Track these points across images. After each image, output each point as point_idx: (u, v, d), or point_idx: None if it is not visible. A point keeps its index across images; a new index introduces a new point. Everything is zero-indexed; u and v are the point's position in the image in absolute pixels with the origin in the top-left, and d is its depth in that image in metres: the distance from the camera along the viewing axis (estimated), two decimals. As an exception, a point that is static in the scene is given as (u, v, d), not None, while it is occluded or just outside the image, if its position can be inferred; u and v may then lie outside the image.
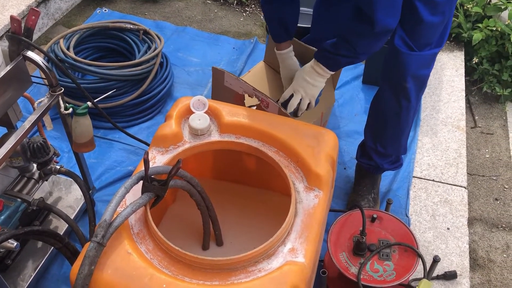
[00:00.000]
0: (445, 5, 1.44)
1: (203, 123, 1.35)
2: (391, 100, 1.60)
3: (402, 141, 1.70)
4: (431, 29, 1.47)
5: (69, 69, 2.12)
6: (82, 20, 2.74)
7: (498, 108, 2.53)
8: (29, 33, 1.32)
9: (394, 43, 1.50)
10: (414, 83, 1.54)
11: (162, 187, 1.15)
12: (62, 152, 1.98)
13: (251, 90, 1.64)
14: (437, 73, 2.48)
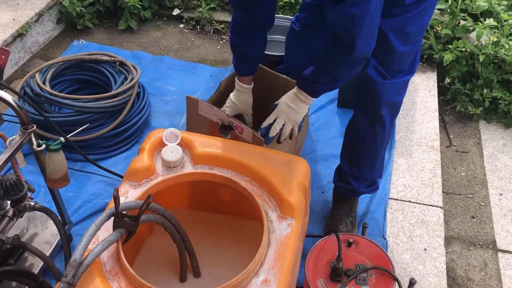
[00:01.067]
0: (416, 35, 1.50)
1: (175, 155, 1.36)
2: (366, 127, 1.64)
3: (377, 165, 1.73)
4: (403, 57, 1.52)
5: (45, 103, 2.13)
6: (59, 52, 2.75)
7: (472, 127, 2.58)
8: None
9: (367, 72, 1.54)
10: (389, 110, 1.58)
11: (133, 223, 1.15)
12: (38, 187, 1.97)
13: (225, 117, 1.66)
14: (411, 94, 2.53)
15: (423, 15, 1.47)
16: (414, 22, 1.46)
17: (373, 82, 1.53)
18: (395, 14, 1.44)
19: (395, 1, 1.42)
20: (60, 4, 2.80)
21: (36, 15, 2.67)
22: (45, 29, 2.77)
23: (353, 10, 1.23)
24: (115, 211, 1.13)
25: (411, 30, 1.47)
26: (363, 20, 1.26)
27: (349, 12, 1.23)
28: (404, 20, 1.45)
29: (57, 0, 2.80)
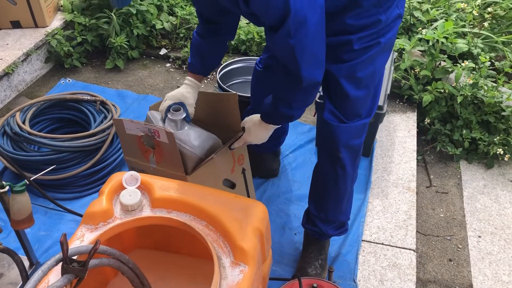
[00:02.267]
0: (368, 79, 1.52)
1: (133, 198, 1.36)
2: (328, 168, 1.65)
3: (343, 207, 1.73)
4: (358, 102, 1.54)
5: (24, 142, 2.16)
6: (45, 90, 2.81)
7: (452, 167, 2.58)
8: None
9: (324, 117, 1.56)
10: (348, 153, 1.59)
11: (82, 268, 1.14)
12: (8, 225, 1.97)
13: (142, 126, 1.67)
14: (390, 134, 2.55)
15: (373, 61, 1.50)
16: (364, 67, 1.49)
17: (330, 125, 1.56)
18: (345, 59, 1.48)
19: (345, 46, 1.45)
20: (48, 44, 2.87)
21: (24, 54, 2.73)
22: (33, 68, 2.83)
23: (292, 41, 1.27)
24: (63, 256, 1.13)
25: (362, 75, 1.50)
26: (302, 50, 1.30)
27: (288, 42, 1.28)
28: (354, 66, 1.48)
29: (45, 41, 2.87)
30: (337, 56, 1.48)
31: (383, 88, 2.30)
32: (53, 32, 2.90)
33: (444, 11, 3.12)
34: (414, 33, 3.03)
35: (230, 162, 1.83)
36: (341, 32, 1.45)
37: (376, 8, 1.42)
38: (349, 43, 1.46)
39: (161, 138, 1.65)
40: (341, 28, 1.44)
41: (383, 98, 2.24)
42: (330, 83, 1.54)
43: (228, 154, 1.79)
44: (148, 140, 1.69)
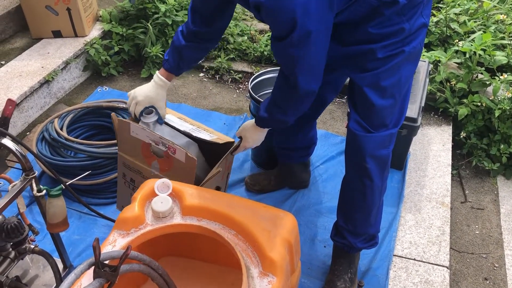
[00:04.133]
0: (393, 89, 1.51)
1: (165, 205, 1.38)
2: (355, 179, 1.64)
3: (372, 220, 1.70)
4: (384, 111, 1.53)
5: (61, 148, 2.22)
6: (83, 98, 2.89)
7: (489, 182, 2.50)
8: (5, 122, 1.41)
9: (350, 127, 1.55)
10: (375, 163, 1.58)
11: (113, 273, 1.16)
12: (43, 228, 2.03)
13: (157, 138, 1.69)
14: (424, 148, 2.50)
15: (398, 70, 1.48)
16: (389, 76, 1.48)
17: (355, 135, 1.55)
18: (369, 68, 1.47)
19: (368, 55, 1.45)
20: (87, 53, 2.96)
21: (64, 63, 2.82)
22: (71, 76, 2.92)
23: (293, 51, 1.30)
24: (95, 260, 1.15)
25: (386, 84, 1.49)
26: (303, 62, 1.34)
27: (289, 52, 1.31)
28: (378, 75, 1.47)
29: (84, 50, 2.96)
30: (361, 65, 1.47)
31: (418, 101, 2.26)
32: (91, 41, 2.99)
33: (482, 22, 3.05)
34: (450, 45, 2.98)
35: (224, 170, 1.86)
36: (364, 41, 1.45)
37: (399, 17, 1.40)
38: (373, 52, 1.45)
39: (176, 155, 1.67)
40: (364, 37, 1.44)
41: (417, 111, 2.20)
42: (355, 92, 1.54)
43: (223, 163, 1.80)
44: (157, 150, 1.71)
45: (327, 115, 2.78)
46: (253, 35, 3.28)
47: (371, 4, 1.37)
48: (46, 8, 2.91)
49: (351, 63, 1.49)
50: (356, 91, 1.52)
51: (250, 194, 2.22)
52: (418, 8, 1.43)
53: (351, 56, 1.49)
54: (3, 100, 2.50)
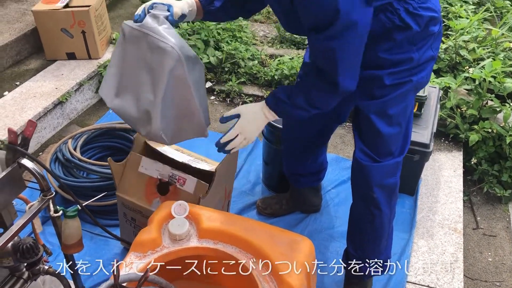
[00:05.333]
0: (400, 117, 1.52)
1: (181, 228, 1.39)
2: (363, 209, 1.65)
3: (381, 247, 1.69)
4: (390, 139, 1.54)
5: (74, 168, 2.23)
6: (95, 119, 2.91)
7: (500, 209, 2.49)
8: (25, 143, 1.42)
9: (356, 156, 1.56)
10: (382, 192, 1.58)
11: (131, 295, 1.16)
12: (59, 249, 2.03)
13: (168, 170, 1.69)
14: (435, 173, 2.50)
15: (405, 98, 1.50)
16: (396, 104, 1.49)
17: (362, 165, 1.55)
18: (377, 95, 1.47)
19: (376, 81, 1.45)
20: (100, 75, 3.00)
21: (77, 84, 2.86)
22: (84, 97, 2.95)
23: (335, 43, 1.25)
24: (114, 283, 1.15)
25: (393, 112, 1.50)
26: (344, 56, 1.27)
27: (330, 44, 1.25)
28: (386, 102, 1.48)
29: (97, 72, 3.00)
30: (368, 91, 1.48)
31: (429, 126, 2.27)
32: (105, 63, 3.04)
33: (491, 50, 3.09)
34: (459, 71, 3.01)
35: (222, 197, 1.87)
36: (372, 66, 1.45)
37: (410, 45, 1.42)
38: (380, 78, 1.45)
39: (184, 186, 1.67)
40: (373, 62, 1.44)
41: (429, 136, 2.21)
42: (361, 120, 1.54)
43: (222, 188, 1.81)
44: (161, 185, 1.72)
45: (337, 139, 2.79)
46: (264, 60, 3.32)
47: (384, 24, 1.38)
48: (61, 31, 2.96)
49: (358, 89, 1.48)
50: (363, 119, 1.53)
51: (262, 218, 2.21)
52: (428, 40, 1.45)
53: (358, 82, 1.50)
54: (18, 120, 2.53)
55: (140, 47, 1.48)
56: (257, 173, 2.50)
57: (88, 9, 2.91)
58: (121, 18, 3.70)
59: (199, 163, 1.90)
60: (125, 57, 1.54)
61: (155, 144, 1.91)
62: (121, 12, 3.81)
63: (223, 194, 1.90)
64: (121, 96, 1.57)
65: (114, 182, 1.84)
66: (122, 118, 1.62)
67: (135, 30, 1.48)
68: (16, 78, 2.94)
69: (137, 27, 1.47)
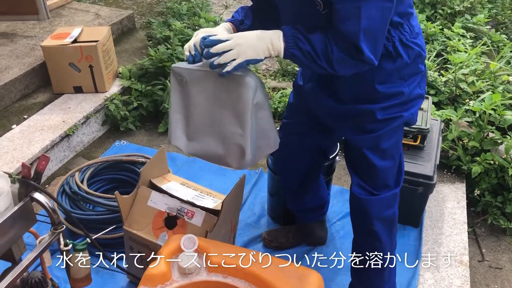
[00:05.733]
0: (393, 150, 1.57)
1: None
2: (364, 242, 1.68)
3: (385, 277, 1.70)
4: (386, 172, 1.58)
5: (81, 201, 2.25)
6: (101, 151, 2.95)
7: (505, 241, 2.49)
8: (38, 177, 1.45)
9: (352, 191, 1.60)
10: (382, 225, 1.62)
11: (142, 330, 1.16)
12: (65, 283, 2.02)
13: (178, 204, 1.71)
14: (439, 205, 2.51)
15: (395, 133, 1.55)
16: (388, 138, 1.54)
17: (359, 199, 1.59)
18: (369, 129, 1.51)
19: (368, 115, 1.49)
20: (106, 108, 3.05)
21: (84, 117, 2.91)
22: (90, 130, 2.99)
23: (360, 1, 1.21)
24: (125, 317, 1.16)
25: (386, 146, 1.54)
26: (368, 15, 1.22)
27: (356, 2, 1.21)
28: (378, 137, 1.52)
29: (104, 105, 3.05)
30: (361, 126, 1.52)
31: (432, 159, 2.30)
32: (111, 97, 3.09)
33: (490, 83, 3.15)
34: (460, 104, 3.06)
35: (228, 230, 1.88)
36: (366, 99, 1.48)
37: (400, 80, 1.47)
38: (373, 113, 1.49)
39: (193, 220, 1.69)
40: (369, 93, 1.47)
41: (432, 169, 2.24)
42: (354, 155, 1.59)
43: (228, 221, 1.82)
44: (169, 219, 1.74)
45: (341, 171, 2.82)
46: (267, 93, 3.38)
47: None
48: (69, 65, 3.03)
49: (351, 123, 1.52)
50: (356, 154, 1.57)
51: (268, 251, 2.21)
52: (416, 78, 1.51)
53: (349, 116, 1.52)
54: (25, 153, 2.56)
55: (208, 87, 1.46)
56: (262, 205, 2.51)
57: (96, 44, 2.99)
58: (127, 53, 3.78)
59: (204, 198, 1.91)
60: (190, 100, 1.50)
61: (159, 181, 1.93)
62: (127, 46, 3.90)
63: (229, 227, 1.91)
64: (196, 139, 1.55)
65: (121, 215, 1.85)
66: (205, 159, 1.58)
67: (198, 72, 1.45)
68: (24, 112, 2.99)
69: (200, 68, 1.45)
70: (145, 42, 3.93)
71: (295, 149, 1.86)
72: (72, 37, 3.04)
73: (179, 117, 1.55)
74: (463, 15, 4.21)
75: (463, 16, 4.18)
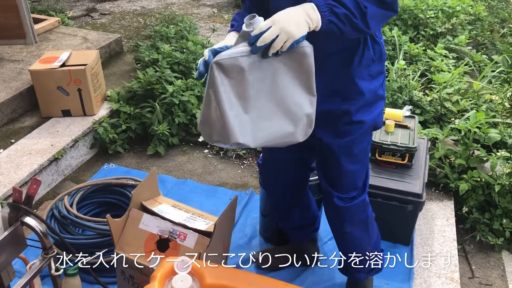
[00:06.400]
0: (363, 154, 1.72)
1: (185, 284, 1.38)
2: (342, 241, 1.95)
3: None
4: (355, 176, 1.74)
5: (70, 225, 2.22)
6: (89, 175, 2.93)
7: (494, 257, 2.52)
8: (29, 201, 1.44)
9: (323, 199, 1.83)
10: (356, 228, 1.84)
11: None
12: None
13: (169, 226, 1.72)
14: (428, 223, 2.53)
15: (366, 136, 1.69)
16: (360, 143, 1.67)
17: (334, 206, 1.78)
18: (344, 131, 1.63)
19: (343, 117, 1.61)
20: (95, 131, 3.05)
21: (72, 141, 2.89)
22: (79, 154, 2.98)
23: None
24: None
25: (357, 151, 1.68)
26: None
27: None
28: (352, 141, 1.65)
29: (92, 128, 3.04)
30: (336, 128, 1.64)
31: (421, 177, 2.33)
32: (100, 120, 3.09)
33: (474, 102, 3.22)
34: (445, 122, 3.11)
35: (221, 252, 1.88)
36: (341, 96, 1.59)
37: (369, 78, 1.59)
38: (348, 113, 1.60)
39: (185, 242, 1.69)
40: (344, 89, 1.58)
41: (421, 186, 2.26)
42: (327, 160, 1.73)
43: (220, 243, 1.82)
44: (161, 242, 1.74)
45: (330, 191, 2.83)
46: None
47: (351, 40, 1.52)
48: (57, 89, 3.03)
49: (327, 126, 1.63)
50: (330, 159, 1.69)
51: (260, 272, 2.20)
52: (381, 77, 1.64)
53: (326, 119, 1.61)
54: (13, 178, 2.53)
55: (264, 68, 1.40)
56: (253, 226, 2.51)
57: (84, 68, 2.99)
58: (115, 76, 3.79)
59: (196, 220, 1.90)
60: (247, 87, 1.40)
61: (150, 203, 1.92)
62: (115, 69, 3.91)
63: (222, 248, 1.90)
64: (262, 126, 1.44)
65: (112, 239, 1.83)
66: (273, 144, 1.48)
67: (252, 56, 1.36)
68: (11, 136, 2.97)
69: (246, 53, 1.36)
70: (133, 65, 3.95)
71: (279, 165, 1.95)
72: (61, 61, 3.05)
73: (235, 113, 1.39)
74: (445, 36, 4.32)
75: (445, 37, 4.29)
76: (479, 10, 4.73)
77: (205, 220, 1.90)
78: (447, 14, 4.47)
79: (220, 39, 4.57)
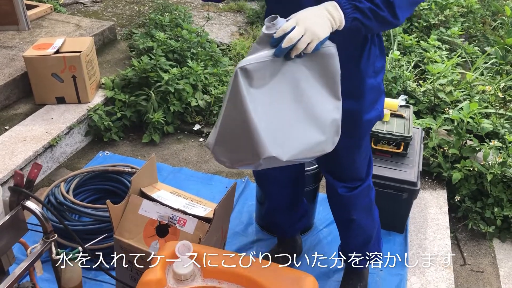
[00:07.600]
0: (366, 145, 1.74)
1: (186, 268, 1.40)
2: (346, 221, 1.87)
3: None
4: (360, 165, 1.74)
5: (66, 212, 2.22)
6: (84, 162, 2.92)
7: (485, 245, 2.56)
8: (30, 185, 1.44)
9: (331, 188, 1.79)
10: (361, 213, 1.83)
11: (141, 336, 1.16)
12: (51, 295, 1.99)
13: (169, 212, 1.72)
14: (422, 211, 2.57)
15: (369, 129, 1.70)
16: (364, 137, 1.69)
17: (339, 196, 1.77)
18: (352, 132, 1.61)
19: (354, 116, 1.59)
20: (89, 118, 3.03)
21: (67, 128, 2.88)
22: (73, 141, 2.96)
23: None
24: (125, 324, 1.15)
25: (361, 145, 1.70)
26: None
27: None
28: (358, 139, 1.67)
29: (87, 115, 3.03)
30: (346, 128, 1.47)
31: (416, 165, 2.36)
32: (94, 107, 3.07)
33: (467, 93, 3.25)
34: (439, 113, 3.15)
35: (219, 238, 1.88)
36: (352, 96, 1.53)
37: (374, 74, 1.58)
38: (359, 113, 1.59)
39: (185, 227, 1.70)
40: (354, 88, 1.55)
41: (416, 175, 2.30)
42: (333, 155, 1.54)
43: (219, 229, 1.83)
44: (160, 227, 1.75)
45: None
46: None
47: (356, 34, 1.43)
48: (52, 76, 3.00)
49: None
50: (334, 155, 1.48)
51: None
52: (382, 72, 1.62)
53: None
54: (8, 164, 2.51)
55: (289, 72, 1.31)
56: (249, 213, 2.53)
57: (79, 54, 2.97)
58: (109, 63, 3.77)
59: (195, 206, 1.91)
60: (274, 97, 1.30)
61: (149, 190, 1.93)
62: (109, 57, 3.89)
63: (220, 234, 1.92)
64: (291, 138, 1.32)
65: (112, 224, 1.84)
66: (305, 156, 1.35)
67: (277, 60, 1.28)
68: (5, 123, 2.94)
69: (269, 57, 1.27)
70: (127, 53, 3.93)
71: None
72: (55, 47, 3.02)
73: (264, 124, 1.26)
74: (438, 28, 4.35)
75: (438, 29, 4.32)
76: (472, 3, 4.77)
77: (204, 206, 1.91)
78: (440, 6, 4.51)
79: (214, 28, 4.56)
